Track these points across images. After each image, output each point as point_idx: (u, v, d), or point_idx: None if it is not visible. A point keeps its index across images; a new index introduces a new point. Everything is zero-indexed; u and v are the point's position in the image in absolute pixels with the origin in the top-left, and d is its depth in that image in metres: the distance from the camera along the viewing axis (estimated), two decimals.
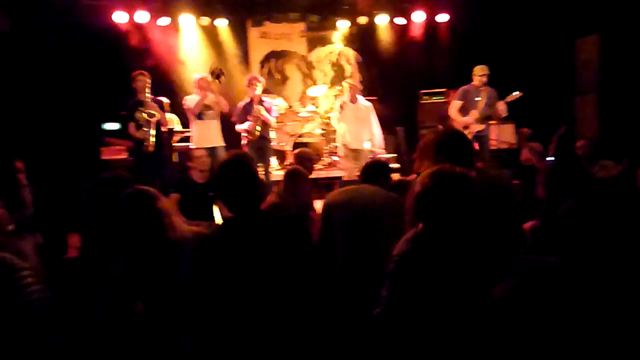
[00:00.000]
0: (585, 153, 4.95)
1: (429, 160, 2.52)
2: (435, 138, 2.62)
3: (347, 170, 6.67)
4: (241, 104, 6.55)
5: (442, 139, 2.61)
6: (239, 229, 2.04)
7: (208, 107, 6.20)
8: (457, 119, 6.39)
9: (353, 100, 6.64)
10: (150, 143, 5.81)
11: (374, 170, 3.40)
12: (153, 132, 5.84)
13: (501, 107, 6.26)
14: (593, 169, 4.63)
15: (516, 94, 6.24)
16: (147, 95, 5.87)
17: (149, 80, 5.91)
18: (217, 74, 6.09)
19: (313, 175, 6.45)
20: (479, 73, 6.38)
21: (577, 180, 2.69)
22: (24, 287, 1.87)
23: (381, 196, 3.17)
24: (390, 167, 3.52)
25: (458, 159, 2.34)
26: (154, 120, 5.83)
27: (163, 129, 6.05)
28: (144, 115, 5.80)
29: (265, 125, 6.45)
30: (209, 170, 4.79)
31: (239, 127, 6.50)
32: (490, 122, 6.64)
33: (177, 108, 6.84)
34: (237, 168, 2.06)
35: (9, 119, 6.43)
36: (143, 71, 5.97)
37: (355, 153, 6.62)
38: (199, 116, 6.20)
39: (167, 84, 7.37)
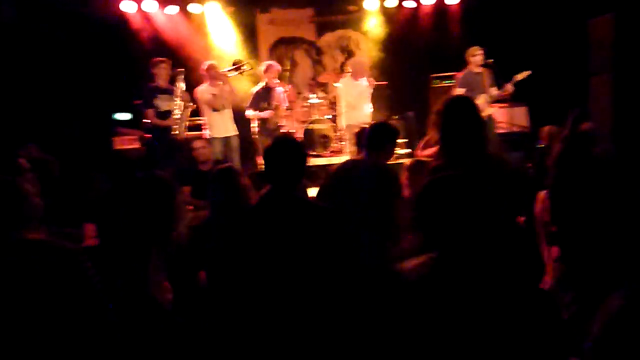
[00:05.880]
0: (590, 136, 4.98)
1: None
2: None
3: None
4: (255, 89, 6.50)
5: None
6: (278, 207, 2.11)
7: (222, 97, 6.15)
8: None
9: (355, 77, 6.57)
10: (183, 130, 5.82)
11: (381, 136, 3.06)
12: (187, 121, 5.89)
13: (509, 87, 6.26)
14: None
15: (525, 72, 6.18)
16: (180, 84, 5.86)
17: (168, 70, 5.89)
18: (237, 65, 6.07)
19: (321, 162, 6.47)
20: (474, 53, 6.33)
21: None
22: (87, 270, 2.04)
23: (382, 174, 2.96)
24: (398, 132, 3.16)
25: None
26: (190, 107, 5.86)
27: None
28: (178, 102, 5.80)
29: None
30: (209, 161, 4.90)
31: (248, 114, 6.45)
32: (502, 105, 6.56)
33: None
34: (292, 147, 2.18)
35: (19, 110, 6.46)
36: (165, 59, 5.94)
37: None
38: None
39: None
